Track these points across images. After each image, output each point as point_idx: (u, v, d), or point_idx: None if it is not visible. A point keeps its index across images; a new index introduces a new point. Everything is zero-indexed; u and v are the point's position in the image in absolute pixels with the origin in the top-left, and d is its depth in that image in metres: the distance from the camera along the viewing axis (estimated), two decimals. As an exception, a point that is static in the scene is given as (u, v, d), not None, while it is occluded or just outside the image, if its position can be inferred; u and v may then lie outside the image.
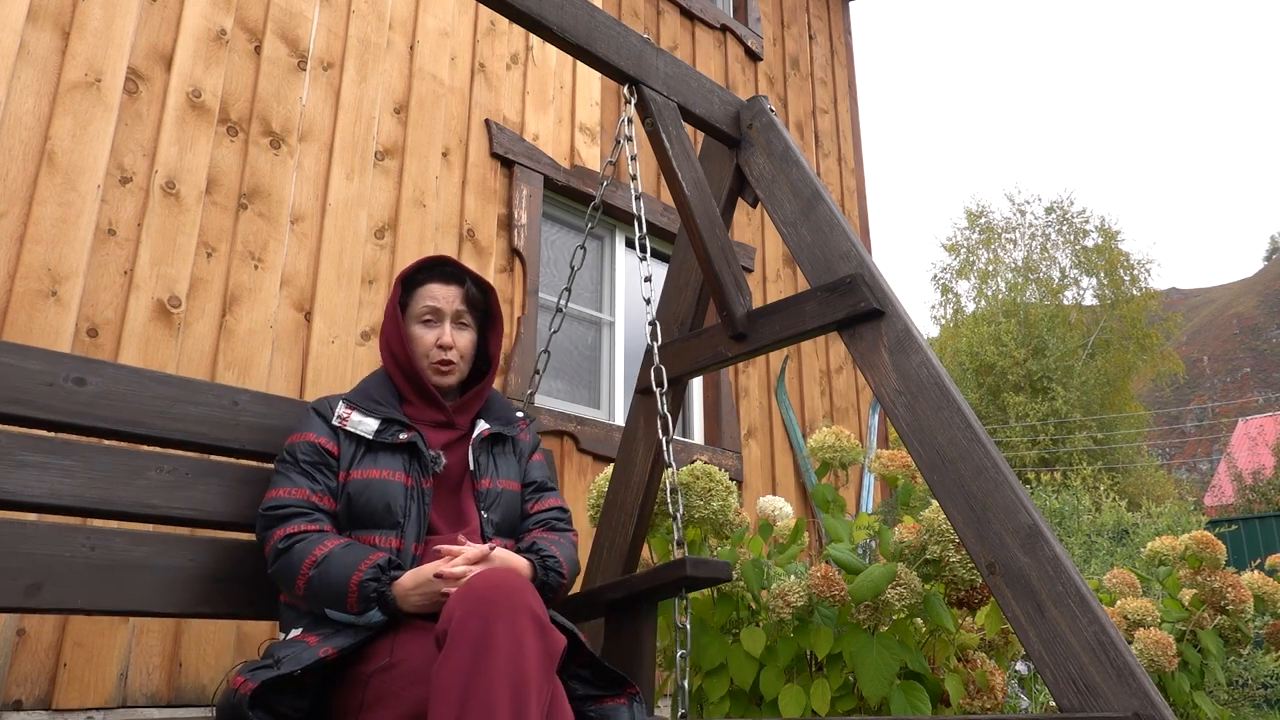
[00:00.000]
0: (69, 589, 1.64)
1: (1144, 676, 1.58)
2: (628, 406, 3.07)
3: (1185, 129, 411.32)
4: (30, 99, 2.67)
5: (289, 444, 1.81)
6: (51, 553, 1.64)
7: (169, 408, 1.82)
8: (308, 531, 1.68)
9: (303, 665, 1.49)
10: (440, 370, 1.91)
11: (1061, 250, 27.78)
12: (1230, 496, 24.05)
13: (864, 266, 2.16)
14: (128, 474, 1.75)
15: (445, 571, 1.58)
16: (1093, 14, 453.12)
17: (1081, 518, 10.60)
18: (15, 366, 1.66)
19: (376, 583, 1.59)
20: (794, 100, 5.81)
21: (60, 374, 1.70)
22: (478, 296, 2.00)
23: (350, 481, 1.76)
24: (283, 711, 1.50)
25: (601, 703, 1.65)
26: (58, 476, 1.66)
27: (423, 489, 1.78)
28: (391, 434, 1.81)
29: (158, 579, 1.74)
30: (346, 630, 1.60)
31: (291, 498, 1.72)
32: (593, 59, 2.23)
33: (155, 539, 1.76)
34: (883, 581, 2.30)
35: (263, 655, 1.58)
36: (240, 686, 1.47)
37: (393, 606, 1.60)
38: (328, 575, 1.60)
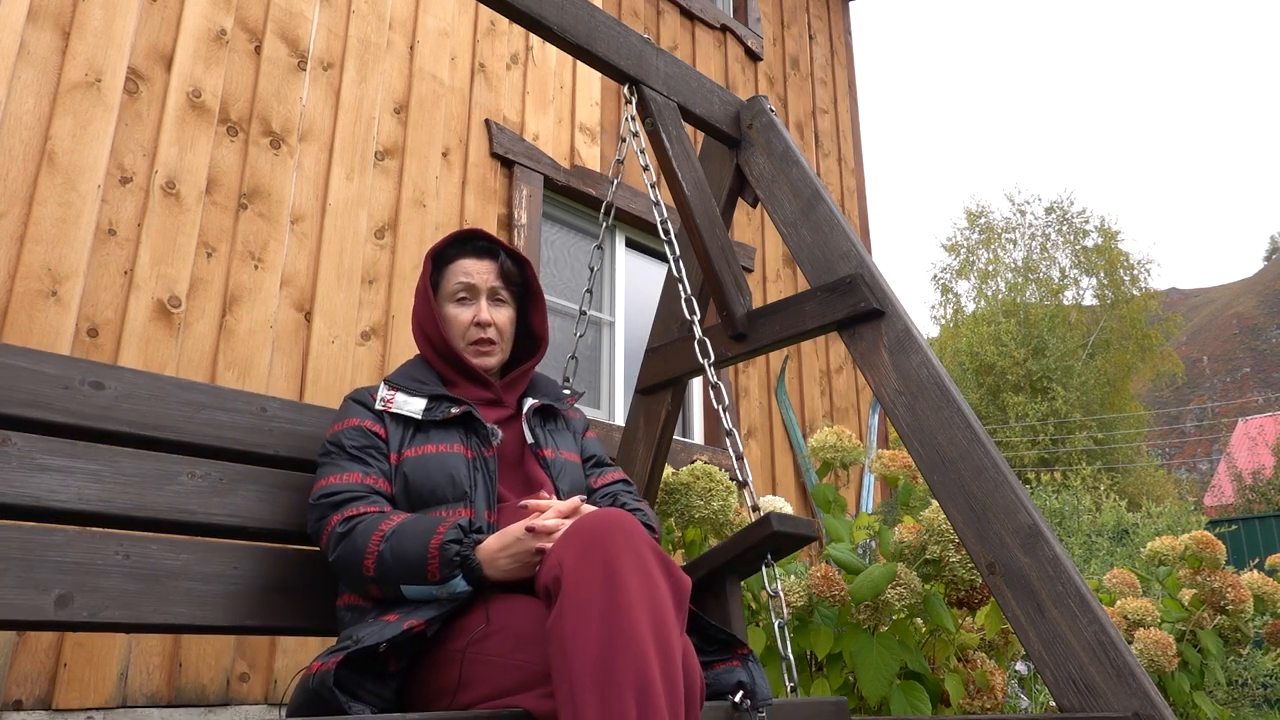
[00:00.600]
0: (104, 600, 1.51)
1: (1144, 676, 1.58)
2: (628, 406, 3.07)
3: (1185, 129, 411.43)
4: (30, 99, 2.67)
5: (331, 434, 1.66)
6: (82, 561, 1.51)
7: (195, 413, 1.73)
8: (368, 513, 1.52)
9: (387, 638, 1.32)
10: (480, 350, 1.77)
11: (1061, 250, 27.80)
12: (1230, 496, 24.05)
13: (864, 266, 2.16)
14: (159, 479, 1.64)
15: (538, 525, 1.40)
16: (1093, 14, 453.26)
17: (1081, 518, 10.60)
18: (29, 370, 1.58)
19: (459, 545, 1.41)
20: (794, 100, 5.81)
21: (76, 377, 1.62)
22: (514, 270, 1.86)
23: (405, 460, 1.61)
24: (363, 699, 1.33)
25: (712, 667, 1.51)
26: (83, 481, 1.56)
27: (485, 459, 1.63)
28: (441, 410, 1.66)
29: (201, 589, 1.61)
30: (429, 605, 1.42)
31: (345, 483, 1.57)
32: (593, 59, 2.23)
33: (195, 547, 1.65)
34: (883, 581, 2.30)
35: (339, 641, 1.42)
36: (319, 670, 1.32)
37: (478, 572, 1.42)
38: (401, 545, 1.43)
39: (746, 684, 1.48)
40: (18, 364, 1.58)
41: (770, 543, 1.73)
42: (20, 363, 1.58)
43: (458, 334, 1.77)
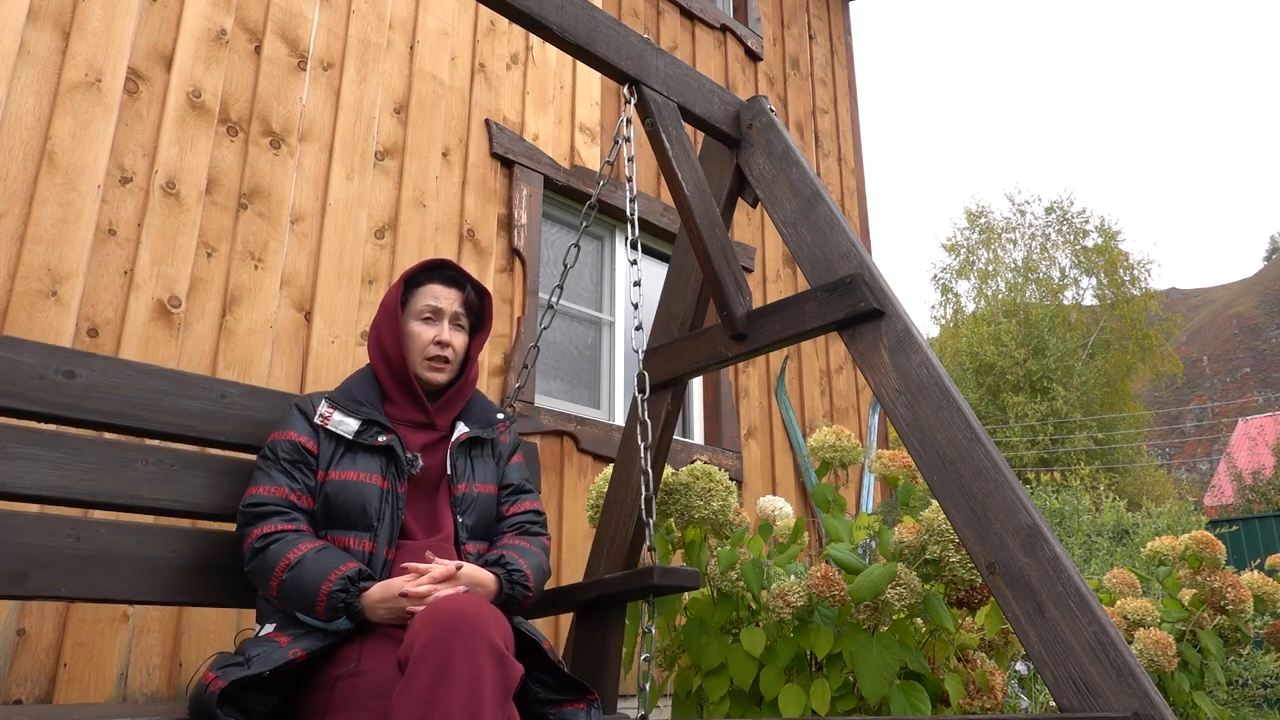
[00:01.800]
0: (54, 577, 1.69)
1: (1144, 676, 1.58)
2: (627, 406, 3.07)
3: (1185, 129, 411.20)
4: (30, 99, 2.67)
5: (271, 440, 1.86)
6: (38, 542, 1.68)
7: (158, 400, 1.87)
8: (284, 531, 1.73)
9: (272, 666, 1.55)
10: (434, 366, 1.96)
11: (1061, 250, 27.80)
12: (1230, 496, 24.04)
13: (864, 266, 2.16)
14: (115, 466, 1.79)
15: (410, 591, 1.63)
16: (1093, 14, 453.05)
17: (1081, 518, 10.60)
18: (7, 359, 1.70)
19: (345, 594, 1.63)
20: (794, 100, 5.81)
21: (51, 367, 1.75)
22: (475, 301, 2.08)
23: (329, 482, 1.81)
24: (251, 708, 1.56)
25: (561, 707, 1.73)
26: (46, 468, 1.71)
27: (398, 493, 1.83)
28: (371, 435, 1.85)
29: (140, 568, 1.79)
30: (316, 633, 1.65)
31: (271, 496, 1.77)
32: (593, 59, 2.23)
33: (139, 529, 1.81)
34: (883, 581, 2.30)
35: (236, 650, 1.64)
36: (211, 684, 1.52)
37: (360, 616, 1.65)
38: (299, 580, 1.65)
39: None
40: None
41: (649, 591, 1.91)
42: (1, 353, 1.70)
43: (417, 349, 1.96)
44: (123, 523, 1.81)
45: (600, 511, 2.53)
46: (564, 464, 3.81)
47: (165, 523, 2.05)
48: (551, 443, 3.78)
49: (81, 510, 2.21)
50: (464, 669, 1.40)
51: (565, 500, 3.75)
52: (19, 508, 1.78)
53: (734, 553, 2.53)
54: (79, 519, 1.76)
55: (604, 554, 2.40)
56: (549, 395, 4.05)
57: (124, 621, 2.52)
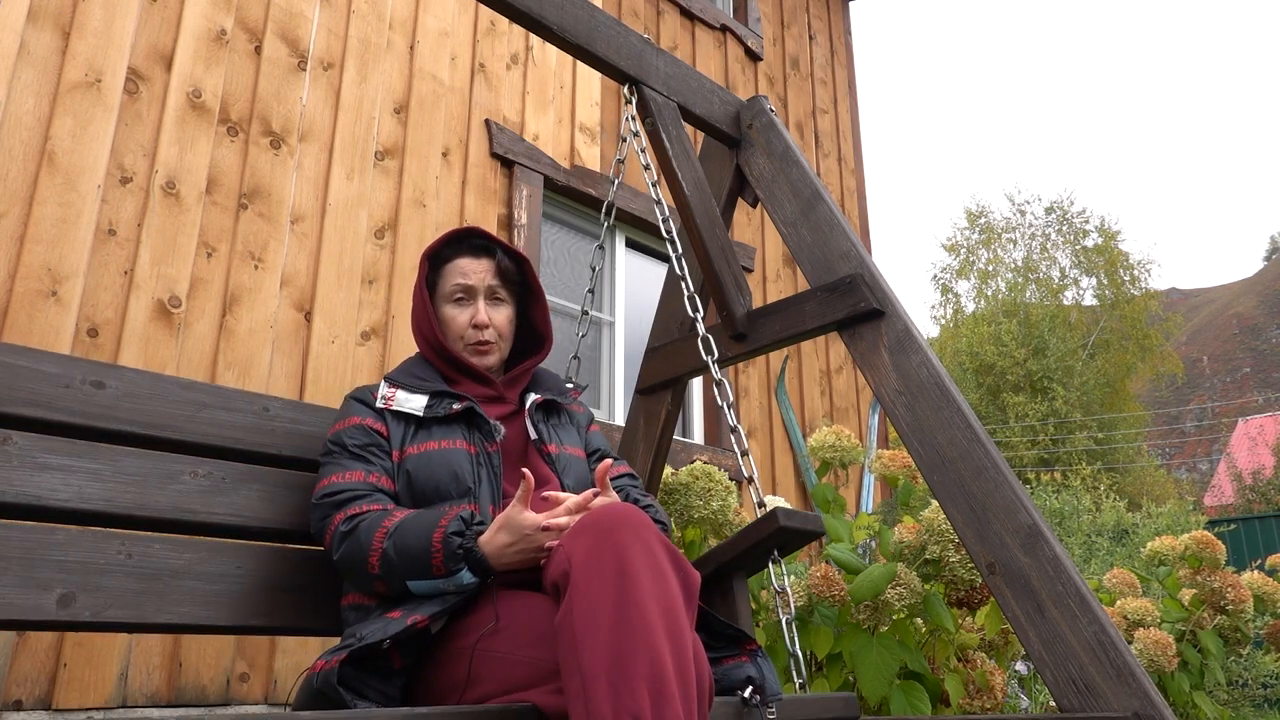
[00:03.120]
0: (106, 599, 1.50)
1: (1144, 676, 1.58)
2: (628, 406, 3.07)
3: (1185, 129, 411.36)
4: (30, 99, 2.67)
5: (333, 433, 1.66)
6: (84, 560, 1.50)
7: (197, 413, 1.72)
8: (370, 511, 1.52)
9: (390, 634, 1.32)
10: (478, 350, 1.75)
11: (1061, 250, 27.80)
12: (1230, 496, 24.05)
13: (864, 266, 2.16)
14: (160, 479, 1.63)
15: (550, 522, 1.39)
16: (1093, 14, 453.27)
17: (1081, 518, 10.60)
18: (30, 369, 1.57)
19: (461, 537, 1.40)
20: (794, 100, 5.81)
21: (77, 377, 1.61)
22: (511, 268, 1.83)
23: (407, 458, 1.60)
24: (369, 697, 1.33)
25: (721, 662, 1.52)
26: (84, 480, 1.55)
27: (488, 454, 1.62)
28: (444, 406, 1.65)
29: (204, 588, 1.60)
30: (434, 599, 1.42)
31: (347, 482, 1.56)
32: (593, 59, 2.23)
33: (197, 546, 1.64)
34: (883, 581, 2.30)
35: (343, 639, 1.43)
36: (323, 668, 1.32)
37: (484, 564, 1.41)
38: (405, 541, 1.42)
39: (756, 679, 1.47)
40: (18, 363, 1.57)
41: (777, 538, 1.74)
42: (20, 362, 1.57)
43: (455, 335, 1.76)
44: (178, 539, 1.63)
45: (600, 511, 2.53)
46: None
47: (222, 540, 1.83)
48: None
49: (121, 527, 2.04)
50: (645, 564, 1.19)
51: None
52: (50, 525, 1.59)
53: (734, 553, 2.52)
54: (127, 534, 1.58)
55: (604, 554, 2.39)
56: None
57: (124, 621, 2.52)
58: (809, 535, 1.78)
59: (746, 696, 1.43)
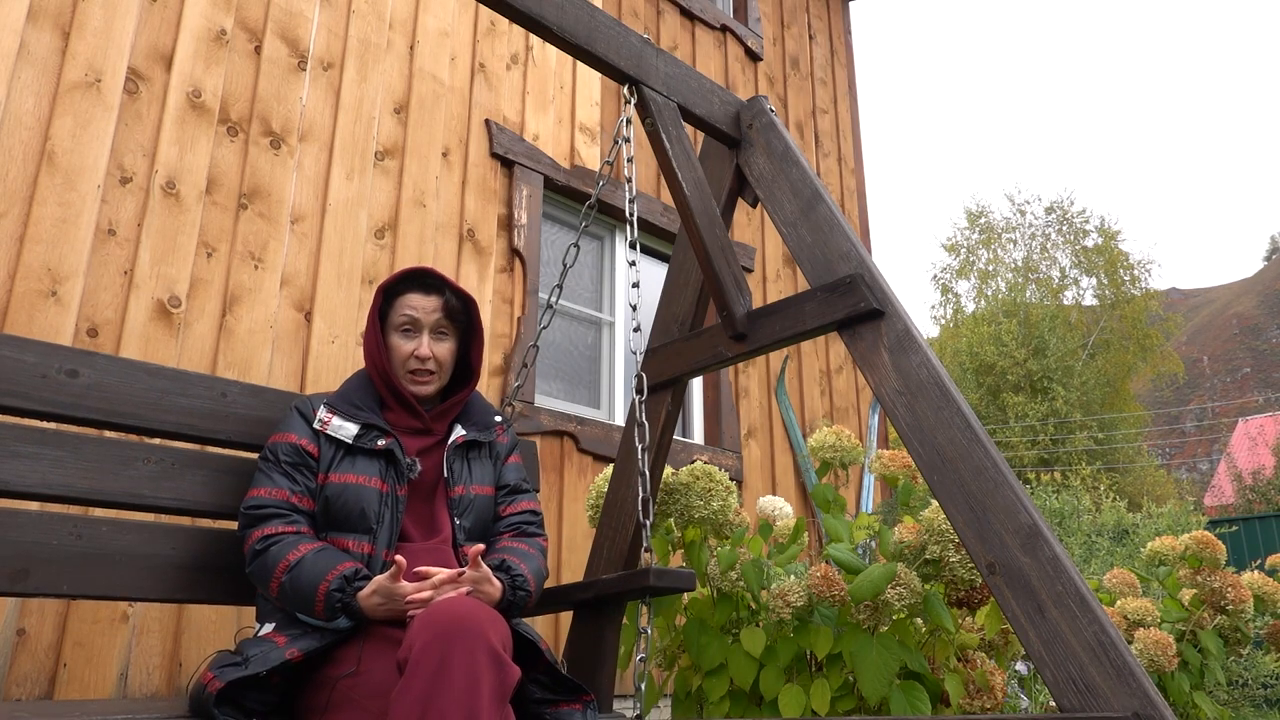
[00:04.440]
0: (55, 575, 1.70)
1: (1144, 676, 1.58)
2: (627, 406, 3.07)
3: (1185, 129, 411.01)
4: (30, 99, 2.67)
5: (272, 442, 1.86)
6: (39, 540, 1.70)
7: (160, 399, 1.88)
8: (285, 534, 1.75)
9: (269, 666, 1.56)
10: (416, 380, 1.95)
11: (1061, 250, 27.81)
12: (1230, 496, 24.04)
13: (864, 266, 2.16)
14: (117, 464, 1.81)
15: (415, 597, 1.64)
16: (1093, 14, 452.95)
17: (1081, 518, 10.60)
18: (10, 358, 1.71)
19: (342, 593, 1.65)
20: (794, 100, 5.81)
21: (54, 366, 1.76)
22: (457, 307, 2.03)
23: (328, 484, 1.81)
24: (250, 707, 1.57)
25: (558, 707, 1.74)
26: (48, 467, 1.72)
27: (397, 496, 1.84)
28: (370, 439, 1.86)
29: (141, 566, 1.80)
30: (315, 632, 1.66)
31: (271, 498, 1.78)
32: (593, 59, 2.23)
33: (139, 527, 1.83)
34: (883, 581, 2.29)
35: (235, 649, 1.65)
36: (209, 684, 1.54)
37: (359, 615, 1.66)
38: (298, 581, 1.66)
39: None
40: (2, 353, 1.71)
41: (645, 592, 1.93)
42: (4, 351, 1.71)
43: (399, 362, 1.95)
44: (124, 521, 1.82)
45: (600, 511, 2.53)
46: (564, 464, 3.81)
47: (166, 521, 2.07)
48: (551, 443, 3.78)
49: (82, 509, 2.21)
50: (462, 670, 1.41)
51: (565, 500, 3.75)
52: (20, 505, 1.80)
53: (734, 553, 2.53)
54: (80, 517, 1.77)
55: (604, 554, 2.40)
56: (549, 395, 4.05)
57: (124, 621, 2.52)
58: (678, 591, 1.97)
59: None
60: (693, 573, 1.96)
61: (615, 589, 2.02)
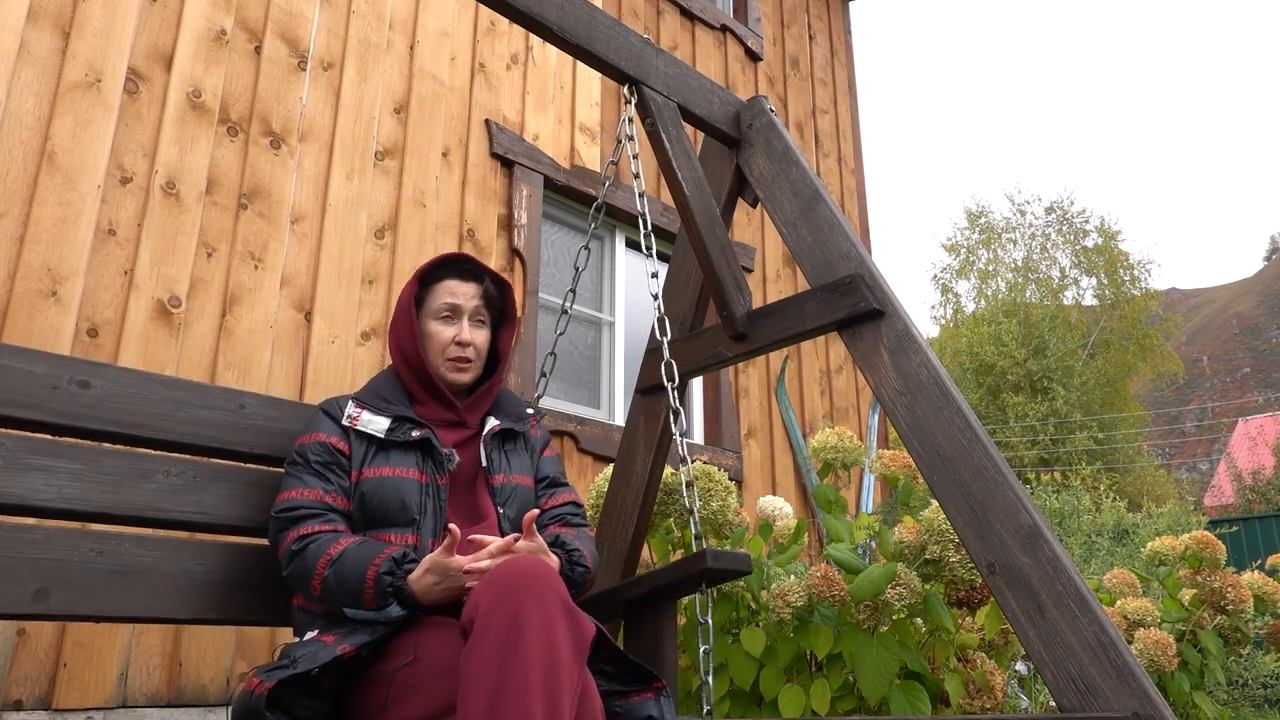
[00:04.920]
0: (77, 594, 1.60)
1: (1144, 676, 1.58)
2: (628, 406, 3.07)
3: (1185, 129, 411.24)
4: (30, 99, 2.67)
5: (299, 445, 1.76)
6: (59, 558, 1.60)
7: (175, 411, 1.79)
8: (321, 532, 1.64)
9: (320, 664, 1.45)
10: (457, 367, 1.86)
11: (1061, 250, 27.80)
12: (1230, 496, 24.05)
13: (864, 266, 2.16)
14: (135, 477, 1.72)
15: (473, 566, 1.52)
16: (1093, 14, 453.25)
17: (1081, 518, 10.60)
18: (20, 370, 1.63)
19: (392, 576, 1.54)
20: (794, 100, 5.81)
21: (64, 377, 1.68)
22: (495, 295, 1.96)
23: (363, 480, 1.71)
24: (300, 714, 1.46)
25: (627, 698, 1.59)
26: (65, 480, 1.64)
27: (438, 485, 1.73)
28: (403, 432, 1.76)
29: (167, 584, 1.70)
30: (365, 628, 1.55)
31: (304, 499, 1.68)
32: (593, 59, 2.23)
33: (163, 543, 1.73)
34: (883, 581, 2.29)
35: (278, 657, 1.53)
36: (256, 688, 1.43)
37: (411, 600, 1.55)
38: (343, 573, 1.55)
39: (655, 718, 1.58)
40: (10, 364, 1.63)
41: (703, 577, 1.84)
42: (12, 363, 1.63)
43: (437, 350, 1.86)
44: (147, 536, 1.72)
45: (600, 511, 2.53)
46: (564, 464, 3.81)
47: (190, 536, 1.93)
48: (551, 443, 3.78)
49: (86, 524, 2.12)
50: (536, 622, 1.30)
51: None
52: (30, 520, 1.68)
53: (734, 553, 2.53)
54: (101, 532, 1.68)
55: (604, 554, 2.40)
56: (549, 395, 4.05)
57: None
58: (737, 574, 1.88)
59: None
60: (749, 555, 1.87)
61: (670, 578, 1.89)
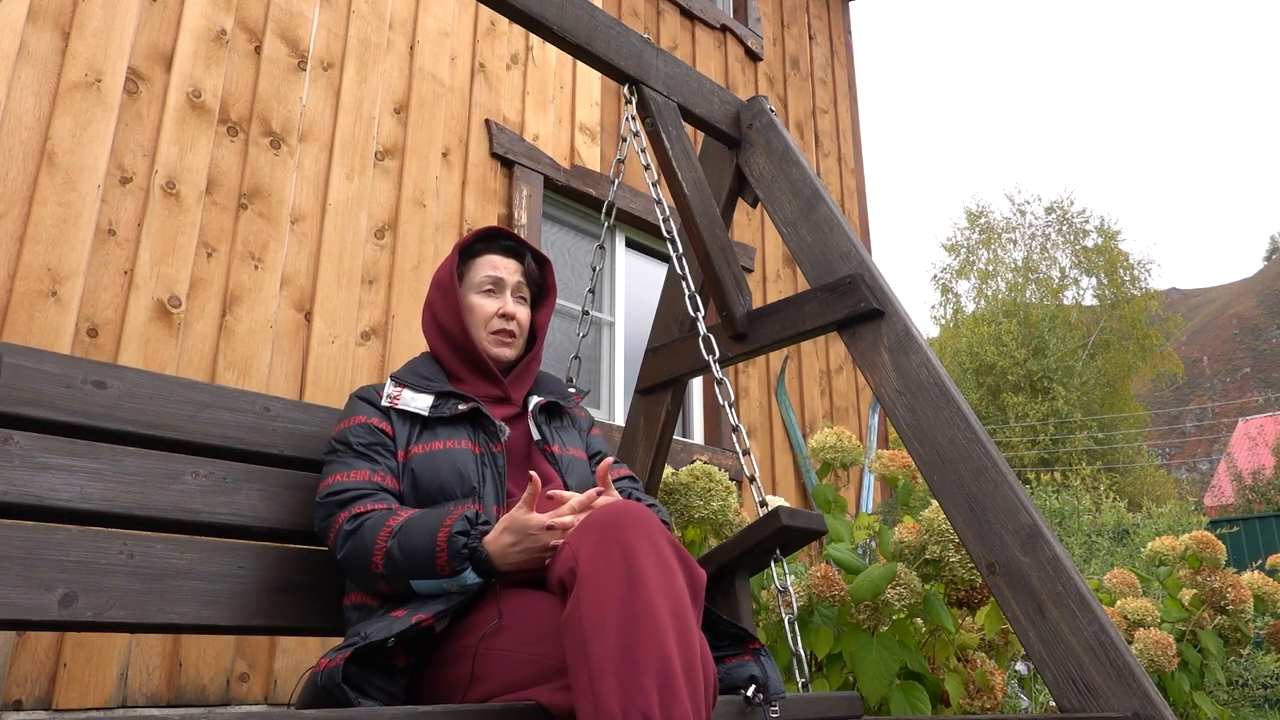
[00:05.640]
0: (106, 600, 1.50)
1: (1144, 676, 1.58)
2: (628, 406, 3.07)
3: (1185, 129, 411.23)
4: (30, 99, 2.67)
5: (337, 431, 1.66)
6: (86, 560, 1.50)
7: (198, 413, 1.72)
8: (376, 510, 1.51)
9: (395, 632, 1.32)
10: (501, 340, 1.78)
11: (1061, 250, 27.81)
12: (1230, 496, 24.05)
13: (864, 266, 2.16)
14: (163, 478, 1.64)
15: (555, 521, 1.39)
16: (1093, 14, 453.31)
17: (1081, 518, 10.60)
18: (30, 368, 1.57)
19: (466, 536, 1.40)
20: (794, 100, 5.81)
21: (78, 376, 1.61)
22: (535, 271, 1.90)
23: (412, 458, 1.60)
24: (373, 695, 1.33)
25: (724, 661, 1.52)
26: (86, 480, 1.56)
27: (493, 454, 1.62)
28: (449, 406, 1.66)
29: (206, 588, 1.61)
30: (439, 599, 1.41)
31: (352, 480, 1.56)
32: (593, 59, 2.23)
33: (199, 546, 1.64)
34: (883, 581, 2.30)
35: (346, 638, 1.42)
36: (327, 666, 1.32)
37: (488, 564, 1.41)
38: (409, 540, 1.42)
39: (759, 678, 1.48)
40: (19, 363, 1.57)
41: (780, 537, 1.75)
42: (22, 361, 1.57)
43: (480, 323, 1.78)
44: (179, 539, 1.62)
45: (600, 511, 2.53)
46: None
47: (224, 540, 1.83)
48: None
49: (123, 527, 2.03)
50: (653, 561, 1.19)
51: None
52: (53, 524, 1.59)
53: (734, 553, 2.53)
54: (128, 534, 1.58)
55: (604, 554, 2.40)
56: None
57: (124, 621, 2.52)
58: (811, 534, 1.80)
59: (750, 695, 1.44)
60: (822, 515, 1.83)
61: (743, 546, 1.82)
